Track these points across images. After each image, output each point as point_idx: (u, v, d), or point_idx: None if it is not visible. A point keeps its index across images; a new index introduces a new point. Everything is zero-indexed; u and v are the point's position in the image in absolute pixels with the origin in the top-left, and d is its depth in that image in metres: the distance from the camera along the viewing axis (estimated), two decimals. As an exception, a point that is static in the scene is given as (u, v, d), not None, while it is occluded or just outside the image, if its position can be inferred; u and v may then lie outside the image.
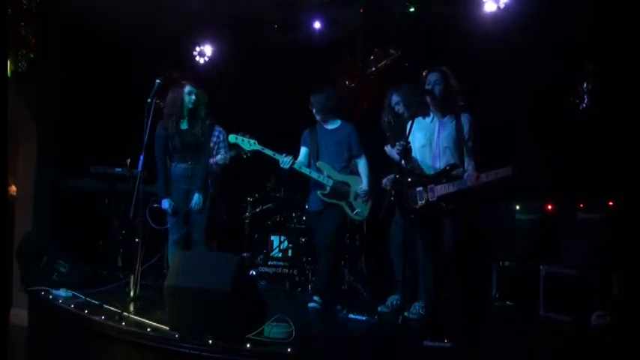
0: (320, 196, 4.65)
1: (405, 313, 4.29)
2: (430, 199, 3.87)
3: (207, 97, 4.76)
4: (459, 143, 3.94)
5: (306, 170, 4.68)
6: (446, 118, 4.01)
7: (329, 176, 4.67)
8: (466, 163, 3.94)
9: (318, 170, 4.71)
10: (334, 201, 4.67)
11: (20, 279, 4.95)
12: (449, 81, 3.96)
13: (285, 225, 6.06)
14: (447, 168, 3.88)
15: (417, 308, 4.38)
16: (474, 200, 3.93)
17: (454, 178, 3.84)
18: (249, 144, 4.65)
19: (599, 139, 5.01)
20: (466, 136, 3.94)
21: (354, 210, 4.68)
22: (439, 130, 4.01)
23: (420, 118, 4.05)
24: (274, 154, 4.60)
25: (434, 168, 3.98)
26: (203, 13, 5.97)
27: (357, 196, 4.69)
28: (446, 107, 3.99)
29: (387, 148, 4.68)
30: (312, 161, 4.77)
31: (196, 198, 4.47)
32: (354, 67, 6.54)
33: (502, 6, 5.23)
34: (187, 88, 4.52)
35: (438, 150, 3.99)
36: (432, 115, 4.06)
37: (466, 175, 3.83)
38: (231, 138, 4.69)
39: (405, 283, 4.14)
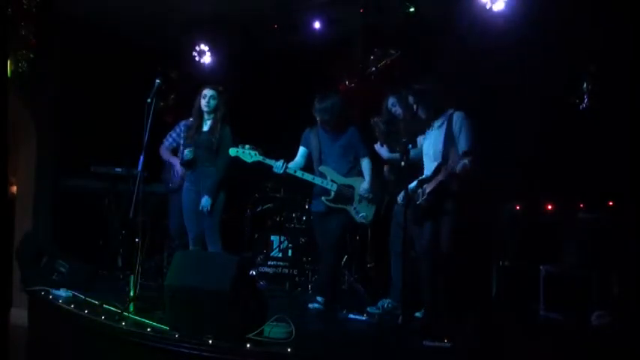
0: (325, 202, 4.57)
1: (417, 314, 4.31)
2: (423, 197, 3.99)
3: (224, 98, 4.73)
4: (451, 143, 3.97)
5: (309, 177, 4.57)
6: (439, 122, 4.09)
7: (333, 180, 4.58)
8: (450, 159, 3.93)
9: (322, 175, 4.61)
10: (340, 206, 4.58)
11: (20, 279, 4.95)
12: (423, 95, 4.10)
13: (285, 225, 6.06)
14: (435, 168, 3.96)
15: None
16: (464, 195, 3.94)
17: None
18: (250, 156, 4.47)
19: (599, 139, 5.01)
20: (456, 134, 3.97)
21: (360, 214, 4.58)
22: (436, 135, 4.09)
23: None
24: (276, 165, 4.46)
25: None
26: (203, 13, 5.97)
27: (361, 198, 4.59)
28: (435, 113, 4.12)
29: (377, 147, 4.69)
30: (314, 164, 4.67)
31: (204, 201, 4.57)
32: (354, 67, 6.54)
33: (501, 6, 5.23)
34: (203, 92, 4.67)
35: (434, 154, 4.07)
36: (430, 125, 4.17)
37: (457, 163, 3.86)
38: (232, 151, 4.49)
39: (405, 283, 4.14)
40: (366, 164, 4.65)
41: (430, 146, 4.13)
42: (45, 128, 5.90)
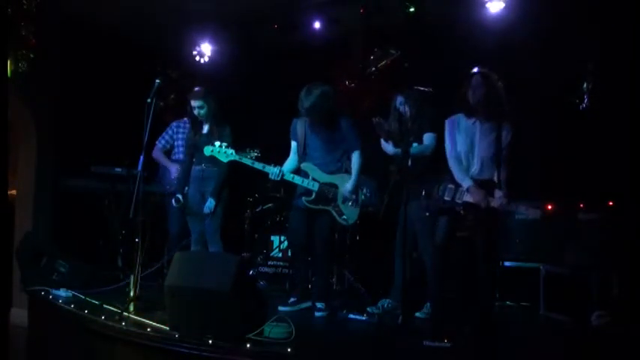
0: (305, 203, 4.38)
1: (417, 314, 4.31)
2: (456, 200, 3.82)
3: (213, 102, 4.72)
4: (497, 154, 3.77)
5: (289, 177, 4.38)
6: (487, 125, 3.82)
7: (314, 179, 4.39)
8: (500, 176, 3.78)
9: (304, 173, 4.43)
10: (320, 207, 4.39)
11: (20, 279, 4.95)
12: (492, 84, 3.80)
13: (285, 225, 6.04)
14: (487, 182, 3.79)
15: (428, 308, 4.36)
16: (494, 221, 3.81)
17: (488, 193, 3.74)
18: (225, 155, 4.36)
19: (599, 139, 5.01)
20: (503, 148, 3.77)
21: (342, 215, 4.41)
22: (480, 137, 3.84)
23: (463, 117, 3.88)
24: (253, 163, 4.35)
25: (474, 175, 3.84)
26: (203, 13, 5.97)
27: (345, 199, 4.40)
28: (489, 113, 3.80)
29: (383, 143, 4.66)
30: (299, 159, 4.50)
31: (208, 203, 4.63)
32: (354, 67, 6.54)
33: (500, 6, 5.23)
34: (190, 103, 4.70)
35: (479, 159, 3.84)
36: (474, 118, 3.87)
37: (497, 197, 3.70)
38: (207, 150, 4.41)
39: (405, 283, 4.14)
40: (355, 159, 4.41)
41: (470, 145, 3.86)
42: (45, 128, 5.90)
